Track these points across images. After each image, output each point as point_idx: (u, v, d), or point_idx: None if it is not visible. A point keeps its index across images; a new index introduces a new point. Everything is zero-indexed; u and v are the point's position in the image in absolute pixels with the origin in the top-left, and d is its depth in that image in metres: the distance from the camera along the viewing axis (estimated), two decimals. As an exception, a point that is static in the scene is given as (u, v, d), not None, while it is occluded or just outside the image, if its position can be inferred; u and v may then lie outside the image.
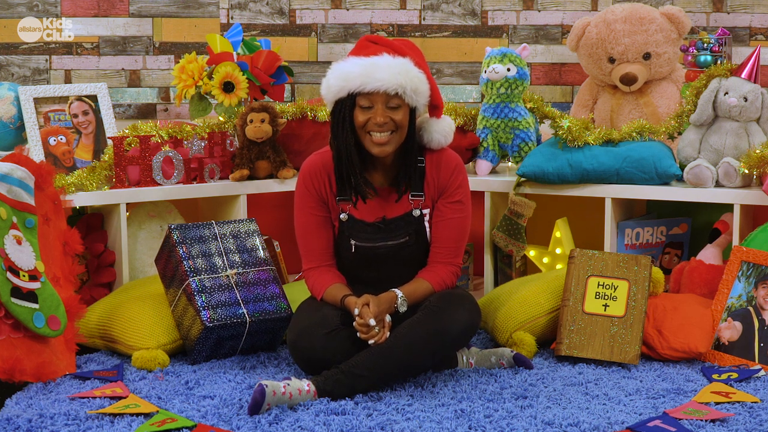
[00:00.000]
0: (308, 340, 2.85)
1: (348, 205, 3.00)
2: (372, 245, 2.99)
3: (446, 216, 3.00)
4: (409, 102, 2.89)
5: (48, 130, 3.62)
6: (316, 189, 3.00)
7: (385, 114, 2.87)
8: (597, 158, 3.54)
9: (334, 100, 2.92)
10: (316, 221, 3.02)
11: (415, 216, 3.00)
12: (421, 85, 2.91)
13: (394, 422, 2.57)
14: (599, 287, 3.17)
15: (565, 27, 4.32)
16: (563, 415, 2.62)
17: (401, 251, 3.01)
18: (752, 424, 2.56)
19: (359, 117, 2.89)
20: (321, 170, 3.01)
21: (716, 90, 3.47)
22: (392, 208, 3.01)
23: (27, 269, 2.95)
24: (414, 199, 3.00)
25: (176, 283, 3.14)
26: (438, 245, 3.02)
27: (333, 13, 4.37)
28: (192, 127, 3.68)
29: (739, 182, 3.42)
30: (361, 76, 2.85)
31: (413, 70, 2.89)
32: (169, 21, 4.34)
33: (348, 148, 2.92)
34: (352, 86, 2.86)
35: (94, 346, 3.24)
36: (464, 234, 3.04)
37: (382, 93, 2.86)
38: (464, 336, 2.89)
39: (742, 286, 3.14)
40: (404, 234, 3.00)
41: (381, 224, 2.99)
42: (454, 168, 3.01)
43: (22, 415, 2.61)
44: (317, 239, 3.02)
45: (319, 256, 3.03)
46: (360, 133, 2.91)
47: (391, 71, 2.85)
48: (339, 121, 2.92)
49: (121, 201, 3.49)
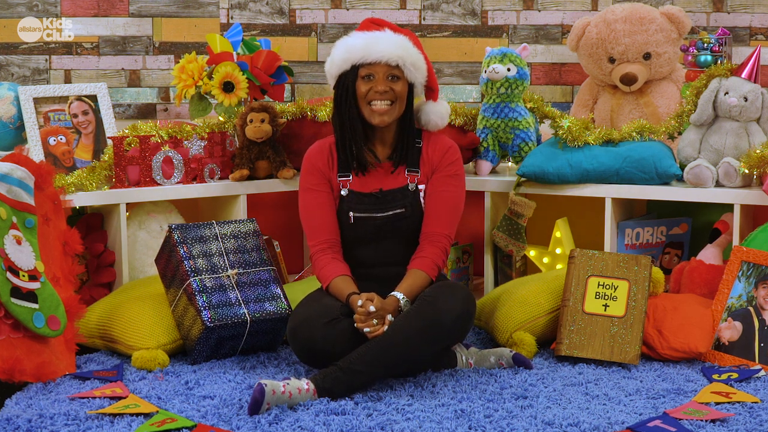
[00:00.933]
0: (308, 330, 2.86)
1: (348, 180, 3.08)
2: (370, 215, 3.05)
3: (439, 188, 3.09)
4: (408, 76, 3.05)
5: (48, 130, 3.62)
6: (319, 168, 3.10)
7: (385, 83, 3.01)
8: (597, 158, 3.54)
9: (338, 74, 3.07)
10: (319, 198, 3.09)
11: (410, 190, 3.08)
12: (419, 62, 3.07)
13: (394, 422, 2.57)
14: (599, 287, 3.17)
15: (565, 27, 4.32)
16: (563, 415, 2.62)
17: (398, 223, 3.06)
18: (752, 424, 2.56)
19: (361, 87, 3.03)
20: (324, 150, 3.13)
21: (716, 90, 3.47)
22: (389, 182, 3.09)
23: (27, 269, 2.95)
24: (410, 174, 3.10)
25: (177, 283, 3.14)
26: (431, 217, 3.08)
27: (333, 13, 4.37)
28: (192, 127, 3.68)
29: (739, 182, 3.42)
30: (364, 48, 3.02)
31: (413, 48, 3.07)
32: (169, 21, 4.34)
33: (351, 118, 3.05)
34: (355, 58, 3.02)
35: (94, 346, 3.23)
36: (457, 207, 3.11)
37: (383, 64, 3.02)
38: (459, 325, 2.91)
39: (743, 286, 3.14)
40: (400, 205, 3.06)
41: (378, 194, 3.07)
42: (449, 148, 3.14)
43: (21, 415, 2.61)
44: (321, 216, 3.08)
45: (323, 234, 3.08)
46: (361, 103, 3.04)
47: (393, 44, 3.03)
48: (342, 92, 3.06)
49: (121, 201, 3.49)
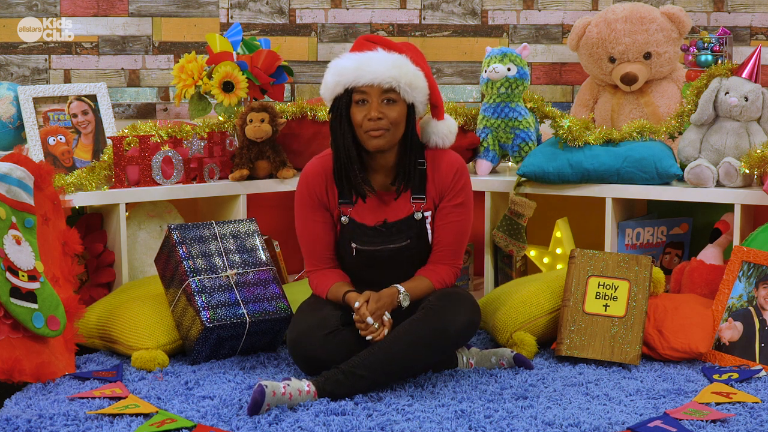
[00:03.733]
0: (308, 341, 2.85)
1: (349, 208, 3.00)
2: (373, 249, 2.99)
3: (448, 219, 3.00)
4: (404, 97, 2.89)
5: (47, 130, 3.62)
6: (316, 194, 3.00)
7: (379, 109, 2.86)
8: (597, 158, 3.53)
9: (332, 97, 2.93)
10: (316, 226, 3.02)
11: (416, 219, 2.99)
12: (416, 81, 2.90)
13: (394, 423, 2.57)
14: (600, 287, 3.16)
15: (566, 26, 4.32)
16: (564, 415, 2.61)
17: (402, 254, 3.00)
18: (753, 424, 2.56)
19: (356, 115, 2.89)
20: (321, 174, 3.00)
21: (717, 90, 3.47)
22: (393, 211, 3.00)
23: (26, 269, 2.94)
24: (416, 201, 3.00)
25: (176, 284, 3.14)
26: (439, 247, 3.01)
27: (333, 13, 4.36)
28: (191, 127, 3.68)
29: (739, 182, 3.42)
30: (355, 69, 2.86)
31: (409, 65, 2.89)
32: (169, 20, 4.33)
33: (346, 145, 2.91)
34: (347, 80, 2.87)
35: (94, 347, 3.23)
36: (465, 236, 3.04)
37: (376, 86, 2.86)
38: (464, 335, 2.89)
39: (743, 286, 3.13)
40: (405, 237, 2.99)
41: (382, 228, 2.99)
42: (456, 170, 3.00)
43: (21, 416, 2.60)
44: (318, 242, 3.02)
45: (320, 259, 3.03)
46: (358, 131, 2.91)
47: (385, 65, 2.86)
48: (337, 118, 2.92)
49: (121, 201, 3.49)
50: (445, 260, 3.01)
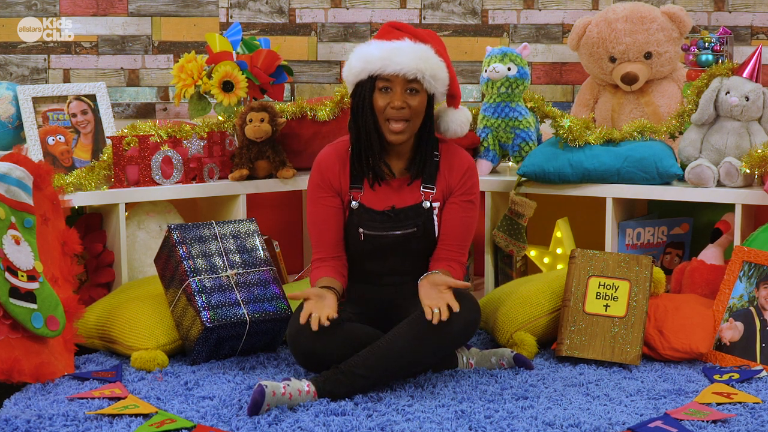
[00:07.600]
0: (307, 336, 2.85)
1: (359, 193, 3.04)
2: (380, 234, 3.01)
3: (456, 213, 3.04)
4: (427, 87, 2.97)
5: (46, 130, 3.61)
6: (329, 179, 3.05)
7: (402, 98, 2.93)
8: (598, 158, 3.53)
9: (355, 81, 3.00)
10: (328, 212, 3.05)
11: (425, 207, 3.03)
12: (440, 72, 2.98)
13: (394, 423, 2.57)
14: (600, 287, 3.16)
15: (566, 26, 4.31)
16: (564, 415, 2.61)
17: (408, 242, 3.02)
18: (754, 425, 2.56)
19: (379, 101, 2.96)
20: (334, 160, 3.06)
21: (717, 89, 3.46)
22: (402, 198, 3.04)
23: (25, 269, 2.94)
24: (425, 191, 3.04)
25: (176, 284, 3.14)
26: (446, 240, 3.04)
27: (333, 12, 4.36)
28: (191, 127, 3.67)
29: (740, 182, 3.41)
30: (382, 59, 2.93)
31: (433, 57, 2.97)
32: (169, 20, 4.33)
33: (368, 129, 2.98)
34: (373, 68, 2.94)
35: (93, 347, 3.23)
36: (471, 233, 3.08)
37: (401, 76, 2.93)
38: (464, 334, 2.90)
39: (744, 287, 3.13)
40: (412, 224, 3.02)
41: (390, 213, 3.02)
42: (468, 168, 3.07)
43: (20, 416, 2.60)
44: (328, 230, 3.05)
45: (329, 248, 3.06)
46: (379, 117, 2.98)
47: (412, 56, 2.94)
48: (359, 103, 2.99)
49: (120, 201, 3.49)
50: (451, 255, 3.03)
